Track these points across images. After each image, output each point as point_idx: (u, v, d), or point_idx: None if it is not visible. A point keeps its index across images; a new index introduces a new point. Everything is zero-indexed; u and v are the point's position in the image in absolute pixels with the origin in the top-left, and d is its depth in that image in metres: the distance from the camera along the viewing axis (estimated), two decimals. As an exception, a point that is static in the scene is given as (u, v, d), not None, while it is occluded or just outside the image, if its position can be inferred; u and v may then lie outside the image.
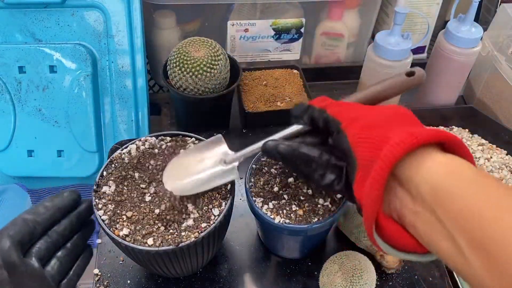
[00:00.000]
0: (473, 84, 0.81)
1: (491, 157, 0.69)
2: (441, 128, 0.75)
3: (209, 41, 0.63)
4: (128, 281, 0.49)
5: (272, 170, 0.48)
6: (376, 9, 0.80)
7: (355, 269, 0.47)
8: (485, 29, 0.75)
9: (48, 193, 0.65)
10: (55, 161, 0.65)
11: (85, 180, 0.68)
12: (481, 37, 0.68)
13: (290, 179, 0.46)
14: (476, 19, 0.70)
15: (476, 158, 0.69)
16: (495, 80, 0.74)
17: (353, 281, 0.46)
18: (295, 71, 0.74)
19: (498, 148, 0.71)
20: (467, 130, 0.75)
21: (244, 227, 0.55)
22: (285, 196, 0.45)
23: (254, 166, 0.48)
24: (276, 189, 0.46)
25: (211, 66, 0.61)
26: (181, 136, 0.49)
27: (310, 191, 0.45)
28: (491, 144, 0.72)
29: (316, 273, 0.51)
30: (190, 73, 0.61)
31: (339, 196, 0.45)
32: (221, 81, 0.63)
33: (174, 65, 0.61)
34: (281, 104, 0.68)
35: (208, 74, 0.61)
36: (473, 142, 0.72)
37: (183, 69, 0.61)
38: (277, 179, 0.47)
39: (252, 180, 0.47)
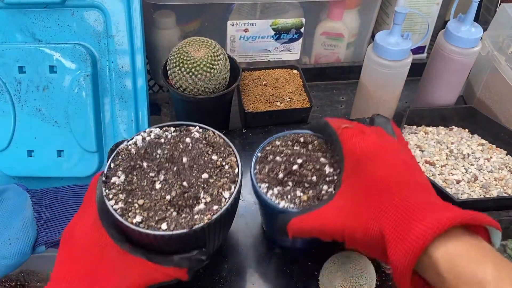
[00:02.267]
0: (473, 84, 0.81)
1: (491, 157, 0.69)
2: (441, 128, 0.75)
3: (209, 41, 0.63)
4: (128, 281, 0.49)
5: (277, 158, 0.48)
6: (376, 9, 0.80)
7: (355, 269, 0.47)
8: (485, 29, 0.75)
9: (48, 193, 0.65)
10: (55, 161, 0.65)
11: (85, 180, 0.68)
12: (481, 37, 0.68)
13: (295, 167, 0.46)
14: (476, 19, 0.70)
15: (476, 158, 0.69)
16: (495, 80, 0.74)
17: (353, 281, 0.46)
18: (295, 71, 0.74)
19: (498, 148, 0.71)
20: (467, 130, 0.75)
21: (244, 227, 0.55)
22: (290, 183, 0.46)
23: (259, 154, 0.49)
24: (281, 176, 0.46)
25: (211, 66, 0.61)
26: (184, 126, 0.49)
27: (314, 178, 0.46)
28: (491, 144, 0.72)
29: (316, 273, 0.51)
30: (190, 73, 0.61)
31: None
32: (221, 81, 0.63)
33: (174, 65, 0.61)
34: (281, 104, 0.68)
35: (208, 74, 0.61)
36: (473, 142, 0.72)
37: (183, 69, 0.61)
38: (282, 166, 0.47)
39: (258, 167, 0.48)
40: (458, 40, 0.67)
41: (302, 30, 0.78)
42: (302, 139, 0.49)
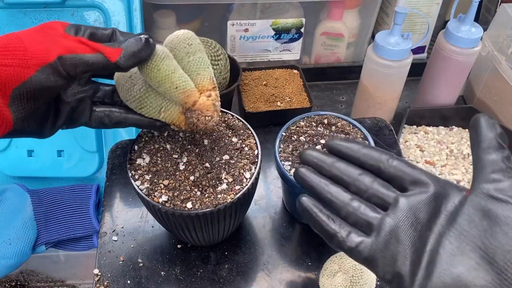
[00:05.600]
0: (473, 84, 0.81)
1: (491, 157, 0.69)
2: (441, 128, 0.75)
3: (209, 41, 0.63)
4: (128, 281, 0.49)
5: (301, 137, 0.50)
6: (376, 9, 0.80)
7: (355, 269, 0.47)
8: (485, 29, 0.75)
9: (48, 193, 0.65)
10: (55, 161, 0.65)
11: (85, 180, 0.68)
12: (481, 37, 0.68)
13: (318, 147, 0.48)
14: (476, 19, 0.70)
15: (476, 158, 0.69)
16: (495, 80, 0.74)
17: (353, 281, 0.46)
18: (295, 71, 0.74)
19: (498, 148, 0.71)
20: (467, 130, 0.75)
21: (247, 227, 0.55)
22: None
23: (283, 133, 0.51)
24: None
25: (211, 66, 0.61)
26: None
27: None
28: (491, 144, 0.72)
29: (316, 273, 0.51)
30: (190, 73, 0.61)
31: None
32: (221, 81, 0.63)
33: (174, 65, 0.62)
34: (281, 104, 0.68)
35: (208, 74, 0.61)
36: (473, 142, 0.72)
37: (183, 69, 0.61)
38: (305, 146, 0.49)
39: (282, 146, 0.49)
40: (458, 40, 0.67)
41: (302, 30, 0.78)
42: (326, 121, 0.51)
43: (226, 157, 0.45)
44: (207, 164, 0.45)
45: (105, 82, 0.43)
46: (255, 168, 0.45)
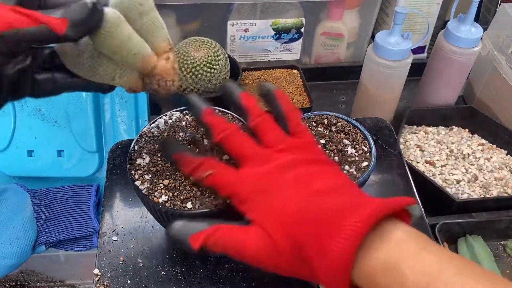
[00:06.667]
0: (473, 84, 0.81)
1: (491, 157, 0.69)
2: (441, 128, 0.75)
3: (209, 41, 0.63)
4: (128, 281, 0.49)
5: None
6: (376, 9, 0.80)
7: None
8: (485, 29, 0.75)
9: (48, 193, 0.65)
10: (55, 161, 0.65)
11: (85, 180, 0.68)
12: (481, 37, 0.68)
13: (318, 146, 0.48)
14: (476, 19, 0.70)
15: (476, 158, 0.69)
16: (495, 80, 0.74)
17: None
18: (295, 71, 0.74)
19: (498, 148, 0.72)
20: (467, 130, 0.75)
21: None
22: None
23: None
24: None
25: (211, 66, 0.61)
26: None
27: (336, 159, 0.47)
28: (491, 144, 0.72)
29: (316, 273, 0.51)
30: (190, 73, 0.61)
31: (364, 164, 0.47)
32: (221, 81, 0.63)
33: (174, 65, 0.61)
34: (281, 104, 0.68)
35: (208, 74, 0.61)
36: (473, 142, 0.72)
37: (183, 69, 0.61)
38: None
39: None
40: (458, 40, 0.67)
41: (302, 30, 0.78)
42: (326, 121, 0.51)
43: (226, 157, 0.45)
44: None
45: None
46: None
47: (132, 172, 0.44)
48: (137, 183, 0.43)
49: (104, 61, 0.36)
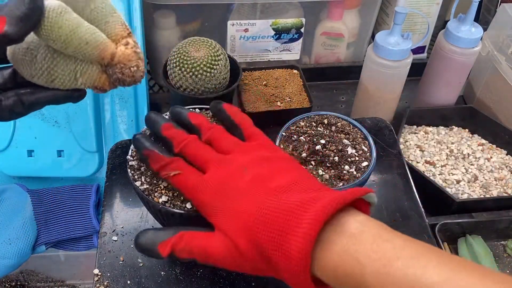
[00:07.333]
0: (473, 84, 0.81)
1: (491, 157, 0.69)
2: (441, 128, 0.75)
3: (209, 41, 0.63)
4: (128, 281, 0.49)
5: (301, 138, 0.50)
6: (376, 9, 0.80)
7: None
8: (485, 29, 0.75)
9: (48, 193, 0.65)
10: (55, 161, 0.65)
11: (85, 180, 0.68)
12: (481, 37, 0.68)
13: (318, 147, 0.48)
14: (476, 19, 0.70)
15: (476, 158, 0.69)
16: (495, 80, 0.74)
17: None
18: (295, 71, 0.74)
19: (498, 148, 0.72)
20: (467, 130, 0.75)
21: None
22: (313, 162, 0.48)
23: (283, 133, 0.51)
24: (304, 155, 0.48)
25: (211, 66, 0.61)
26: (204, 109, 0.50)
27: (336, 159, 0.47)
28: (491, 144, 0.72)
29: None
30: (190, 73, 0.61)
31: (364, 164, 0.47)
32: (221, 81, 0.63)
33: (174, 65, 0.61)
34: (281, 104, 0.68)
35: (208, 74, 0.61)
36: (473, 142, 0.72)
37: (183, 69, 0.61)
38: (305, 146, 0.49)
39: (282, 146, 0.50)
40: (458, 40, 0.67)
41: (302, 30, 0.78)
42: (326, 121, 0.52)
43: None
44: None
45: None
46: None
47: (132, 172, 0.44)
48: (137, 183, 0.43)
49: (60, 60, 0.34)
